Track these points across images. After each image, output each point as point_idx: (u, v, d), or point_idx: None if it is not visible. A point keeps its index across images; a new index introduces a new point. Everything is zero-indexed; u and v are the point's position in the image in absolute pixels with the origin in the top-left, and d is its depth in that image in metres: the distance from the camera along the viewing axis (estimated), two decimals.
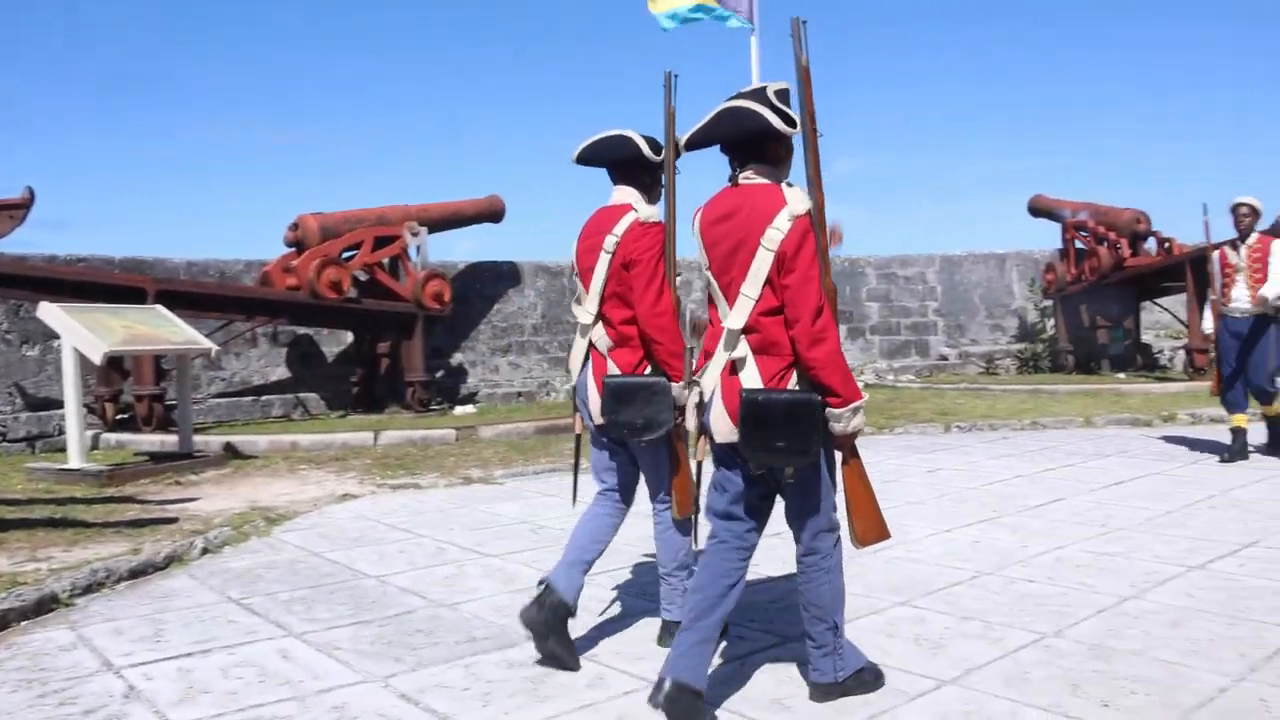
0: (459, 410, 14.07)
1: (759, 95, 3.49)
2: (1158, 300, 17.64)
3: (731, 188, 3.58)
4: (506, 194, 19.59)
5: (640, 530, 6.57)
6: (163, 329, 9.98)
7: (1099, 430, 11.24)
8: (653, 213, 4.13)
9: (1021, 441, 10.42)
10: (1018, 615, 4.55)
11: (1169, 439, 10.15)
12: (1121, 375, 16.12)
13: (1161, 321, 18.97)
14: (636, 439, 4.05)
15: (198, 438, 10.53)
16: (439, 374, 15.65)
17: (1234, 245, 8.63)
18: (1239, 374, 8.56)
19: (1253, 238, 8.52)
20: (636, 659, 4.11)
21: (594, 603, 4.97)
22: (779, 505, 3.67)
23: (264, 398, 14.10)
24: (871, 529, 3.60)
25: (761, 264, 3.36)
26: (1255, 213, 8.56)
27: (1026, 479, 8.12)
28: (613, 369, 4.11)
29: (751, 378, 3.38)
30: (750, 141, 3.51)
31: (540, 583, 4.15)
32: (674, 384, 3.94)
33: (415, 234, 14.26)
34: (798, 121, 3.47)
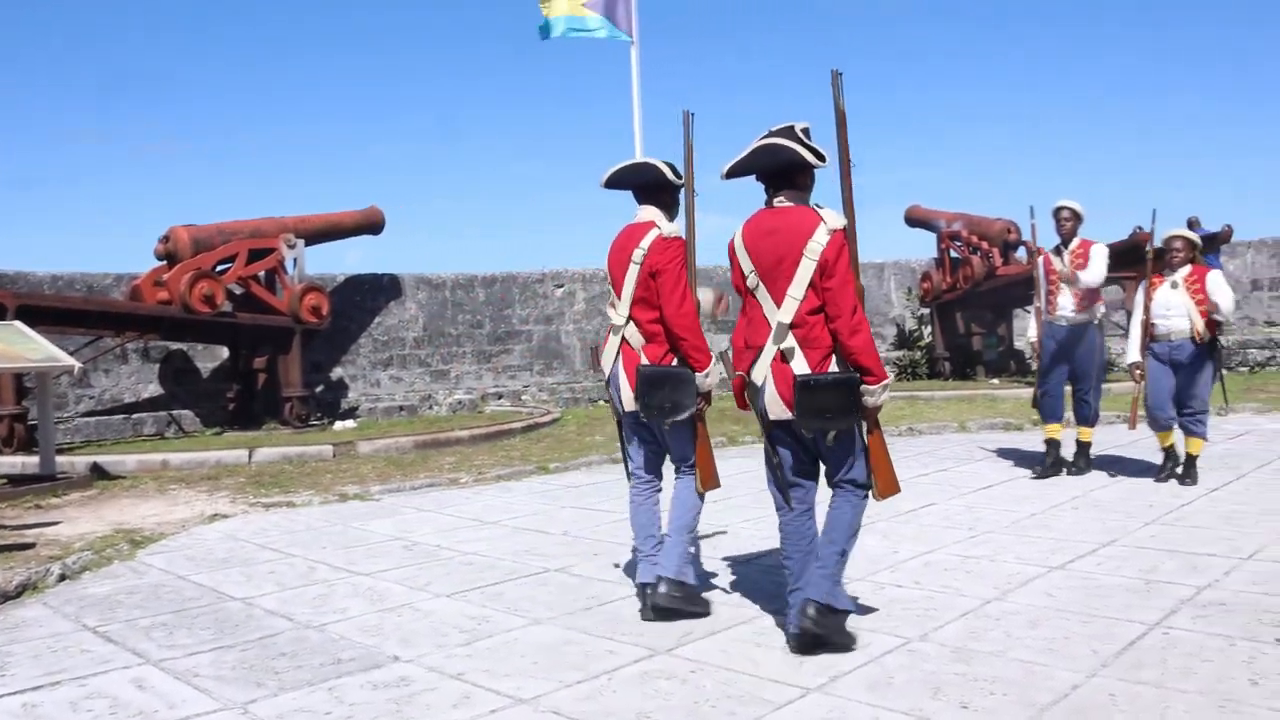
0: (339, 425, 13.80)
1: (789, 133, 4.21)
2: (1028, 308, 18.17)
3: (768, 210, 4.32)
4: (387, 206, 19.31)
5: (515, 544, 6.53)
6: (20, 346, 9.58)
7: (973, 435, 11.53)
8: (673, 229, 4.86)
9: (898, 447, 10.57)
10: (884, 620, 4.62)
11: (1039, 442, 10.43)
12: (995, 381, 16.55)
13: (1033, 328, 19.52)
14: (665, 420, 4.72)
15: (62, 458, 10.13)
16: (318, 389, 15.35)
17: (1057, 251, 8.36)
18: (1060, 384, 8.46)
19: (1075, 243, 8.25)
20: (504, 676, 4.06)
21: (465, 620, 4.90)
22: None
23: (135, 416, 13.63)
24: (889, 485, 4.33)
25: (805, 271, 4.10)
26: (1077, 217, 8.31)
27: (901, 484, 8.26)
28: (644, 361, 4.79)
29: (800, 365, 4.12)
30: (784, 172, 4.25)
31: (640, 585, 4.88)
32: (697, 373, 4.71)
33: (292, 246, 13.95)
34: (824, 155, 4.18)
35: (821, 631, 4.15)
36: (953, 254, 17.67)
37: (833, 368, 4.13)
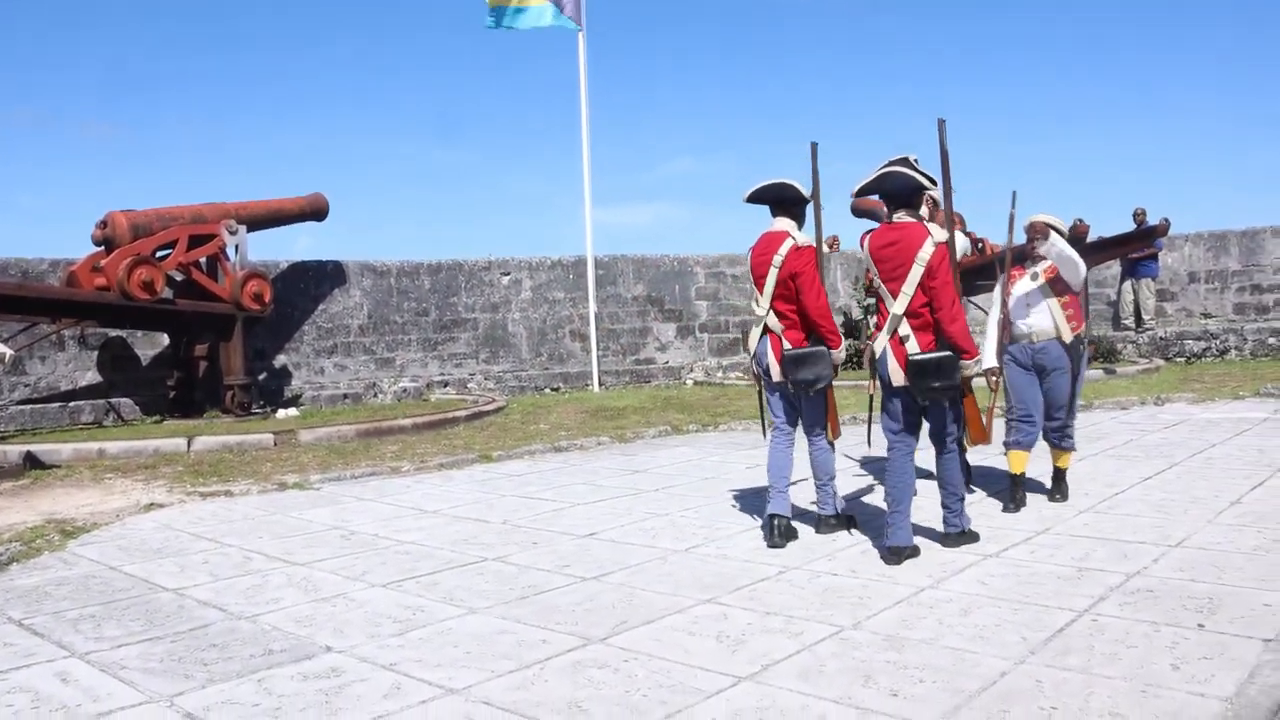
0: (281, 414, 13.66)
1: (904, 162, 5.53)
2: (973, 298, 18.36)
3: (889, 224, 5.50)
4: (332, 193, 19.13)
5: (454, 533, 6.50)
6: None
7: None
8: (805, 238, 5.96)
9: (844, 436, 10.67)
10: (819, 609, 4.65)
11: None
12: None
13: (978, 319, 19.72)
14: (808, 390, 5.89)
15: None
16: (261, 376, 15.19)
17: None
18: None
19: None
20: (436, 666, 4.04)
21: (399, 610, 4.87)
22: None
23: (73, 404, 13.37)
24: (979, 435, 6.00)
25: (916, 273, 5.31)
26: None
27: (843, 473, 8.31)
28: (787, 345, 5.88)
29: (914, 347, 5.38)
30: (903, 194, 5.46)
31: (770, 515, 5.95)
32: (833, 351, 5.86)
33: (234, 232, 13.78)
34: (936, 181, 5.66)
35: (957, 546, 5.65)
36: None
37: (940, 348, 5.33)
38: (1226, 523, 6.04)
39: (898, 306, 5.39)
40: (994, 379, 6.81)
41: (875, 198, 5.98)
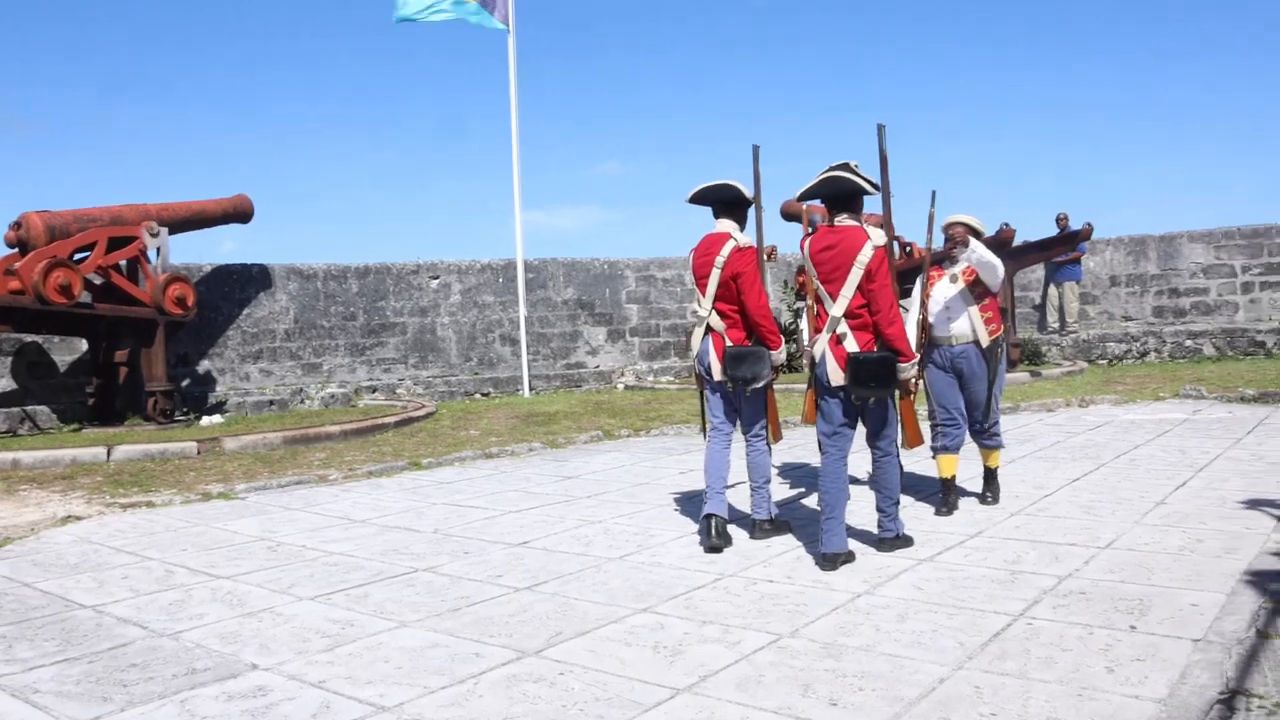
0: (205, 421, 13.36)
1: (845, 167, 5.53)
2: (901, 301, 18.55)
3: (829, 227, 5.57)
4: (257, 195, 18.80)
5: (384, 543, 6.37)
6: None
7: None
8: (746, 239, 6.04)
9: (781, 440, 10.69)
10: (756, 617, 4.62)
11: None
12: None
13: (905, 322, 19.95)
14: (746, 388, 5.97)
15: None
16: (185, 382, 14.85)
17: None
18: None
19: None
20: (367, 683, 3.93)
21: (328, 624, 4.75)
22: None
23: None
24: (915, 438, 5.91)
25: (855, 276, 5.37)
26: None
27: (775, 478, 8.33)
28: (728, 343, 5.97)
29: (851, 345, 5.42)
30: (844, 197, 5.53)
31: (706, 516, 5.99)
32: (772, 351, 5.97)
33: (155, 234, 13.44)
34: (878, 186, 5.78)
35: (892, 551, 5.68)
36: None
37: (874, 349, 5.41)
38: (1152, 523, 6.13)
39: (836, 308, 5.44)
40: (914, 383, 6.51)
41: (807, 203, 6.06)
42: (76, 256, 12.86)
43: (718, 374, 6.02)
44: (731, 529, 6.16)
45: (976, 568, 5.31)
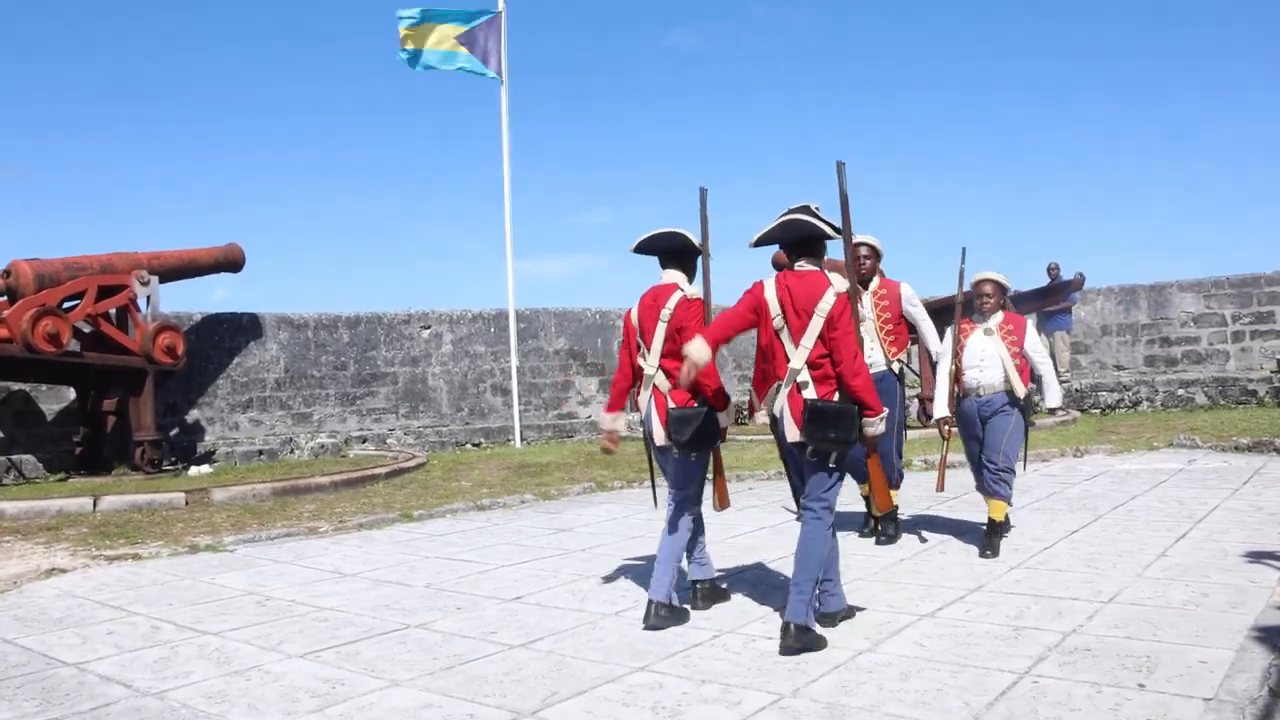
0: (194, 471, 13.22)
1: (807, 210, 5.10)
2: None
3: (791, 271, 5.09)
4: (248, 243, 18.84)
5: (375, 598, 6.25)
6: None
7: None
8: (694, 291, 5.64)
9: (766, 493, 10.63)
10: (756, 675, 4.51)
11: (906, 484, 10.54)
12: None
13: None
14: (692, 452, 5.46)
15: None
16: (173, 432, 14.72)
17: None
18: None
19: (875, 283, 7.58)
20: None
21: (317, 683, 4.63)
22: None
23: None
24: (884, 502, 5.75)
25: (816, 325, 4.93)
26: (876, 254, 7.59)
27: (770, 530, 8.25)
28: (672, 405, 5.47)
29: (811, 394, 4.94)
30: (805, 242, 5.10)
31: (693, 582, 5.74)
32: (720, 413, 5.50)
33: (145, 283, 13.38)
34: (840, 229, 5.24)
35: (800, 646, 4.79)
36: None
37: (836, 399, 4.96)
38: (1155, 576, 6.05)
39: (797, 359, 4.98)
40: (947, 429, 7.20)
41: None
42: (66, 305, 12.78)
43: (660, 438, 5.55)
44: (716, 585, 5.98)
45: (979, 624, 5.21)
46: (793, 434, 4.96)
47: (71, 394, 13.88)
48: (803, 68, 73.89)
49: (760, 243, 5.15)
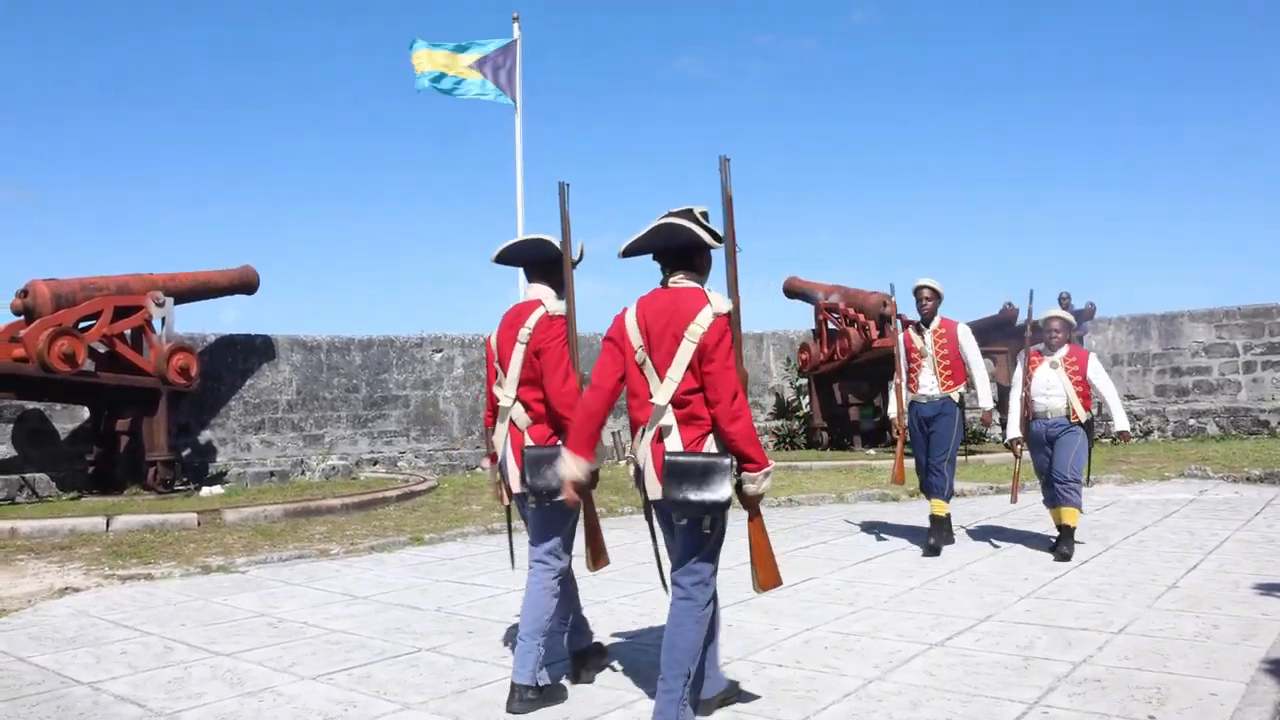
0: (206, 491, 13.28)
1: (688, 214, 4.15)
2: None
3: (663, 288, 4.21)
4: (259, 264, 18.94)
5: (386, 621, 6.28)
6: None
7: (850, 506, 11.62)
8: (559, 307, 4.74)
9: (776, 519, 10.62)
10: (766, 704, 4.53)
11: (915, 513, 10.58)
12: (872, 451, 16.80)
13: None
14: (550, 501, 4.59)
15: None
16: (186, 452, 14.78)
17: (918, 329, 8.51)
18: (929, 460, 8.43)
19: (936, 322, 8.45)
20: None
21: (330, 705, 4.66)
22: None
23: None
24: (770, 578, 4.30)
25: (685, 353, 3.98)
26: (937, 296, 8.46)
27: (779, 557, 8.23)
28: (529, 441, 4.68)
29: (674, 443, 3.98)
30: (682, 252, 4.18)
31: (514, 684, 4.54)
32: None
33: (160, 304, 13.48)
34: (722, 238, 4.17)
35: None
36: (830, 325, 17.97)
37: (709, 447, 3.98)
38: (1165, 607, 6.05)
39: (660, 395, 4.02)
40: (1019, 447, 8.23)
41: (809, 279, 5.84)
42: (82, 325, 12.88)
43: (515, 483, 4.78)
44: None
45: (988, 653, 5.22)
46: (654, 490, 4.06)
47: (85, 413, 13.96)
48: (806, 95, 74.15)
49: (629, 252, 4.25)
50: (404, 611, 6.66)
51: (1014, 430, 8.21)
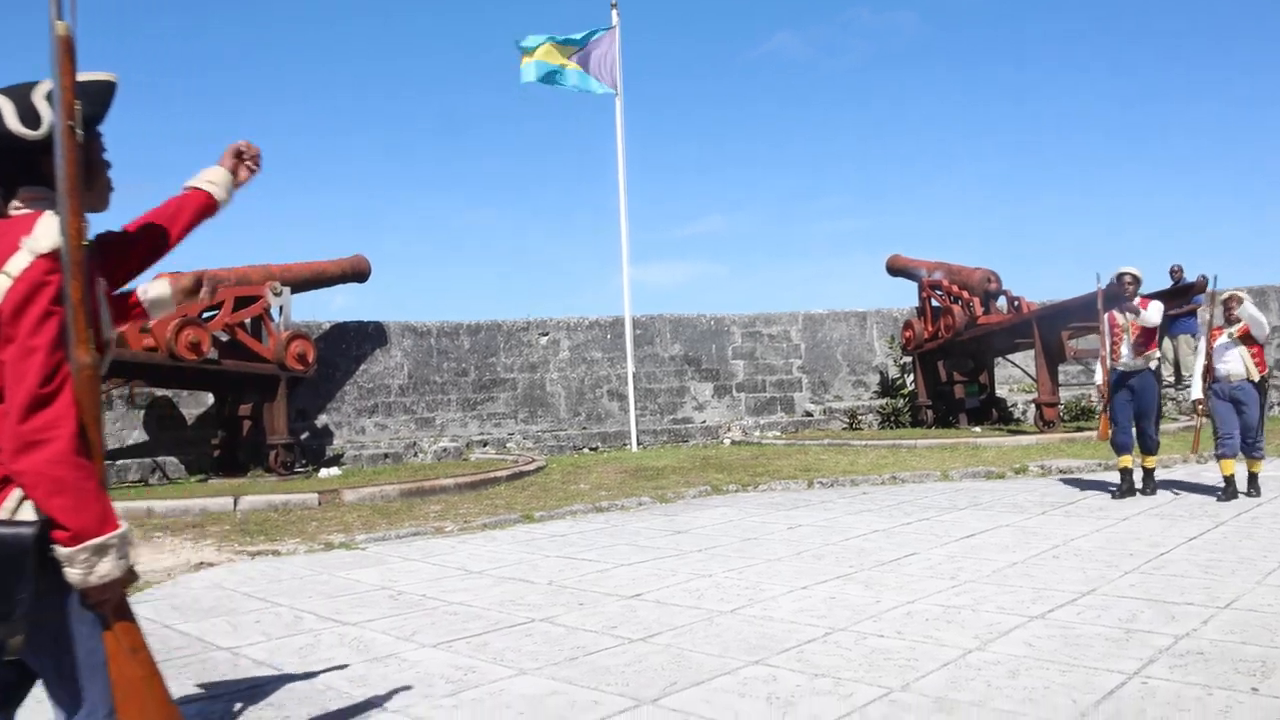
0: (324, 473, 13.81)
1: (19, 92, 2.45)
2: (1009, 356, 18.37)
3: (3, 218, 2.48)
4: (373, 254, 19.48)
5: (500, 593, 6.55)
6: None
7: (955, 483, 11.61)
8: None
9: (880, 497, 10.70)
10: (867, 670, 4.66)
11: (1020, 490, 10.55)
12: (977, 429, 16.67)
13: (1014, 376, 19.74)
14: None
15: None
16: (304, 436, 15.37)
17: (1121, 310, 10.07)
18: (1128, 421, 9.99)
19: (1135, 302, 10.05)
20: None
21: (451, 670, 4.93)
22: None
23: (120, 462, 13.63)
24: None
25: None
26: (1138, 281, 10.11)
27: (883, 534, 8.35)
28: None
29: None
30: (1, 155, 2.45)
31: None
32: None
33: (278, 293, 14.05)
34: (43, 119, 2.41)
35: None
36: (934, 303, 17.85)
37: (13, 504, 2.27)
38: (1275, 584, 6.01)
39: None
40: (1201, 407, 9.78)
41: (913, 256, 5.88)
42: (205, 315, 13.50)
43: None
44: None
45: (1089, 625, 5.27)
46: None
47: (210, 399, 14.62)
48: (907, 71, 73.00)
49: None
50: (517, 585, 6.93)
51: (1197, 392, 9.84)
